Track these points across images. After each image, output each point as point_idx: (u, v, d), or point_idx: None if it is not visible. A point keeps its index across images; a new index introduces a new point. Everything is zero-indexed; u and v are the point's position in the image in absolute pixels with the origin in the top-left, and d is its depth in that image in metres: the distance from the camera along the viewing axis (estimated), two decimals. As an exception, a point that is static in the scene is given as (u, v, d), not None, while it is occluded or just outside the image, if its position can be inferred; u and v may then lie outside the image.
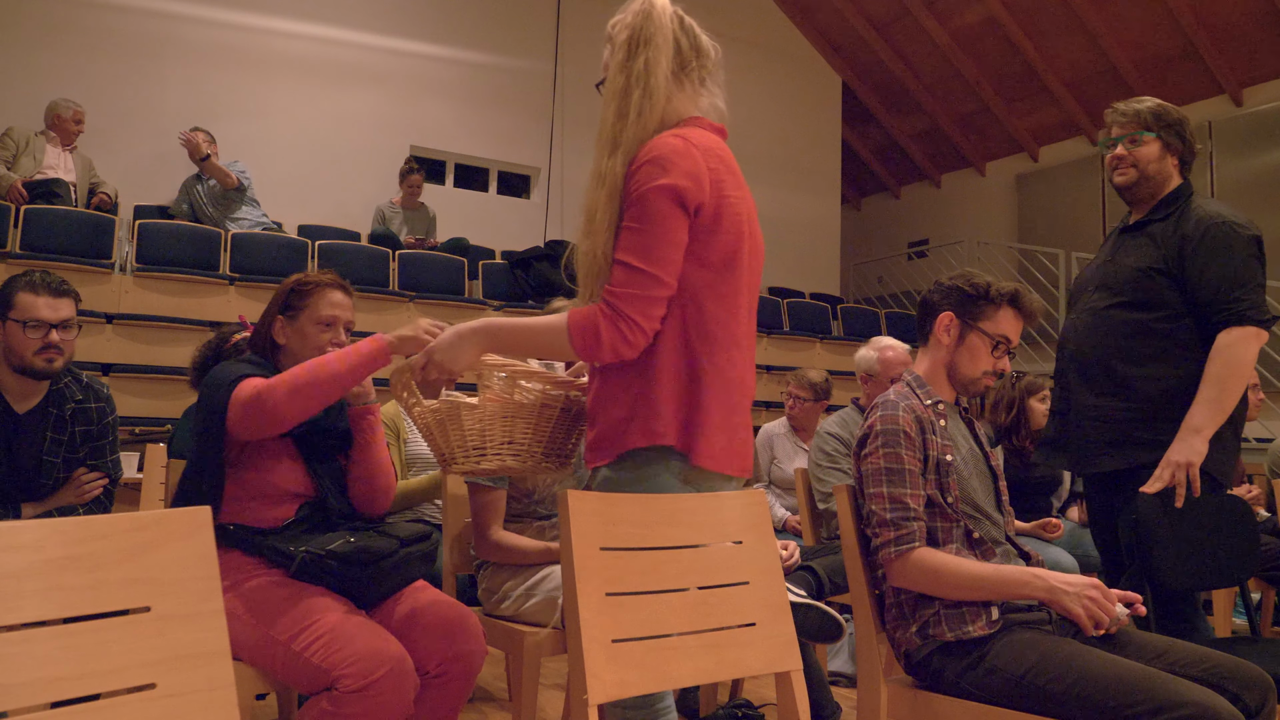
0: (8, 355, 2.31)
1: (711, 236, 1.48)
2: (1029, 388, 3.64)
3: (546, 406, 1.60)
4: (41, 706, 0.96)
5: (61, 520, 1.04)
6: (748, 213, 1.57)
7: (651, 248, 1.43)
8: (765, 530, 1.64)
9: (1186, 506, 2.33)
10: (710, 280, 1.49)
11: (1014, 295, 1.92)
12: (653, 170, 1.44)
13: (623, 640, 1.39)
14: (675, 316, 1.48)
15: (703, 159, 1.48)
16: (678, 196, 1.44)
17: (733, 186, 1.53)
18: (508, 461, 1.56)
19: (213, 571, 1.11)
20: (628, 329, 1.43)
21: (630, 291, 1.43)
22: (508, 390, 1.56)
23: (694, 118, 1.58)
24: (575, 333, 1.44)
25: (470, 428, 1.55)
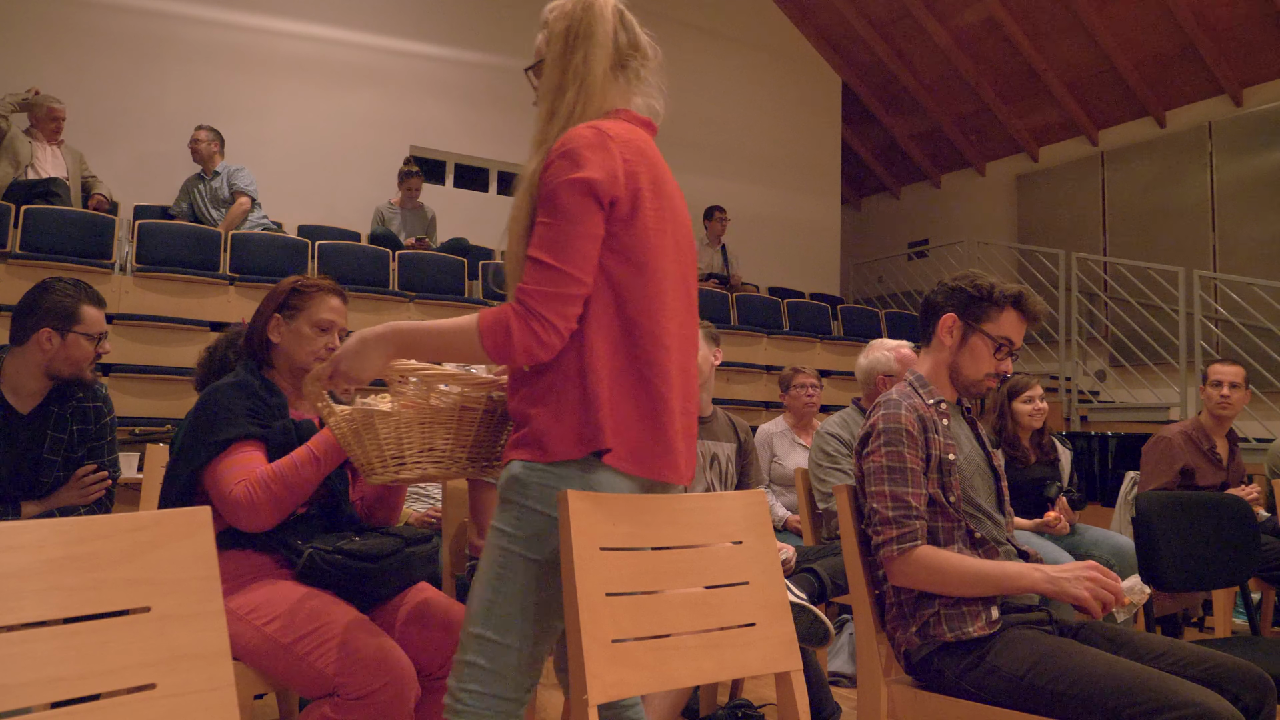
0: (58, 364, 2.36)
1: (628, 231, 1.42)
2: (1012, 389, 3.65)
3: (466, 410, 1.53)
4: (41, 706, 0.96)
5: (61, 520, 1.04)
6: (671, 207, 1.51)
7: (563, 243, 1.37)
8: (765, 530, 1.64)
9: (1187, 506, 2.33)
10: (629, 276, 1.42)
11: (1017, 297, 1.92)
12: (564, 164, 1.39)
13: (623, 640, 1.39)
14: (595, 315, 1.41)
15: (618, 151, 1.42)
16: (590, 190, 1.38)
17: (649, 179, 1.46)
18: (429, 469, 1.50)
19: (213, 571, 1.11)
20: (540, 328, 1.36)
21: (542, 289, 1.36)
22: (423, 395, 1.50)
23: (619, 110, 1.52)
24: (486, 334, 1.37)
25: (386, 436, 1.48)
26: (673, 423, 1.45)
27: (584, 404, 1.38)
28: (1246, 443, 6.03)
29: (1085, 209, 9.24)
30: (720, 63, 9.54)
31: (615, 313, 1.42)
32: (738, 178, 9.47)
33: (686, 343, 1.53)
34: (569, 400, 1.39)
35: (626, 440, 1.40)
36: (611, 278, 1.42)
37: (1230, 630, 3.38)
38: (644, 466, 1.43)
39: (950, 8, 8.96)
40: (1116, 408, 7.52)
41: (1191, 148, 8.44)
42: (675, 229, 1.51)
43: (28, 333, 2.32)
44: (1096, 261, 8.32)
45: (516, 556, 1.37)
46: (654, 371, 1.43)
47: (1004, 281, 1.94)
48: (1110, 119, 9.12)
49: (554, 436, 1.38)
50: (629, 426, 1.41)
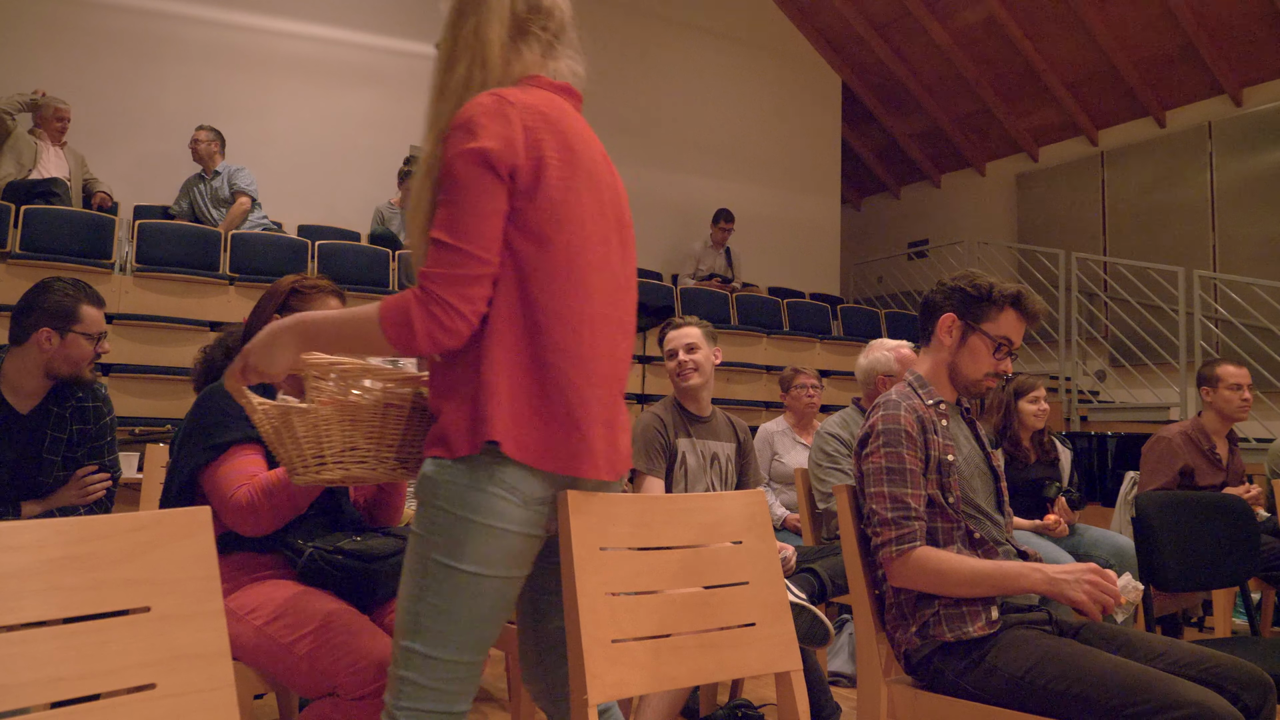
0: (57, 364, 2.36)
1: (531, 203, 1.31)
2: (1018, 389, 3.66)
3: (391, 406, 1.44)
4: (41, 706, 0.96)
5: (61, 520, 1.04)
6: (588, 178, 1.38)
7: (461, 221, 1.27)
8: (765, 530, 1.64)
9: (1187, 506, 2.33)
10: (536, 253, 1.31)
11: (1017, 297, 1.92)
12: (459, 135, 1.29)
13: (623, 640, 1.39)
14: (503, 296, 1.30)
15: (519, 117, 1.31)
16: (486, 160, 1.28)
17: (557, 147, 1.34)
18: (353, 470, 1.42)
19: (213, 571, 1.11)
20: (443, 314, 1.26)
21: (442, 271, 1.26)
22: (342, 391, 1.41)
23: (531, 77, 1.42)
24: (387, 322, 1.27)
25: (304, 435, 1.40)
26: (586, 412, 1.33)
27: (478, 394, 1.28)
28: (1246, 443, 6.03)
29: (1085, 209, 9.24)
30: (720, 63, 9.54)
31: (521, 293, 1.31)
32: (738, 178, 9.47)
33: (610, 324, 1.40)
34: (467, 391, 1.30)
35: (526, 432, 1.29)
36: (515, 255, 1.31)
37: (1230, 630, 3.38)
38: (550, 460, 1.30)
39: (950, 8, 8.96)
40: (1116, 408, 7.52)
41: (1191, 148, 8.44)
42: (595, 202, 1.39)
43: (27, 332, 2.32)
44: (1096, 261, 8.32)
45: (435, 563, 1.28)
46: (561, 356, 1.31)
47: (1003, 281, 1.94)
48: (1110, 119, 9.12)
49: (455, 431, 1.29)
50: (530, 417, 1.30)
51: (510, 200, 1.31)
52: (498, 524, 1.27)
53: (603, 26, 8.93)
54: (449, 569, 1.27)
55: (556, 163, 1.33)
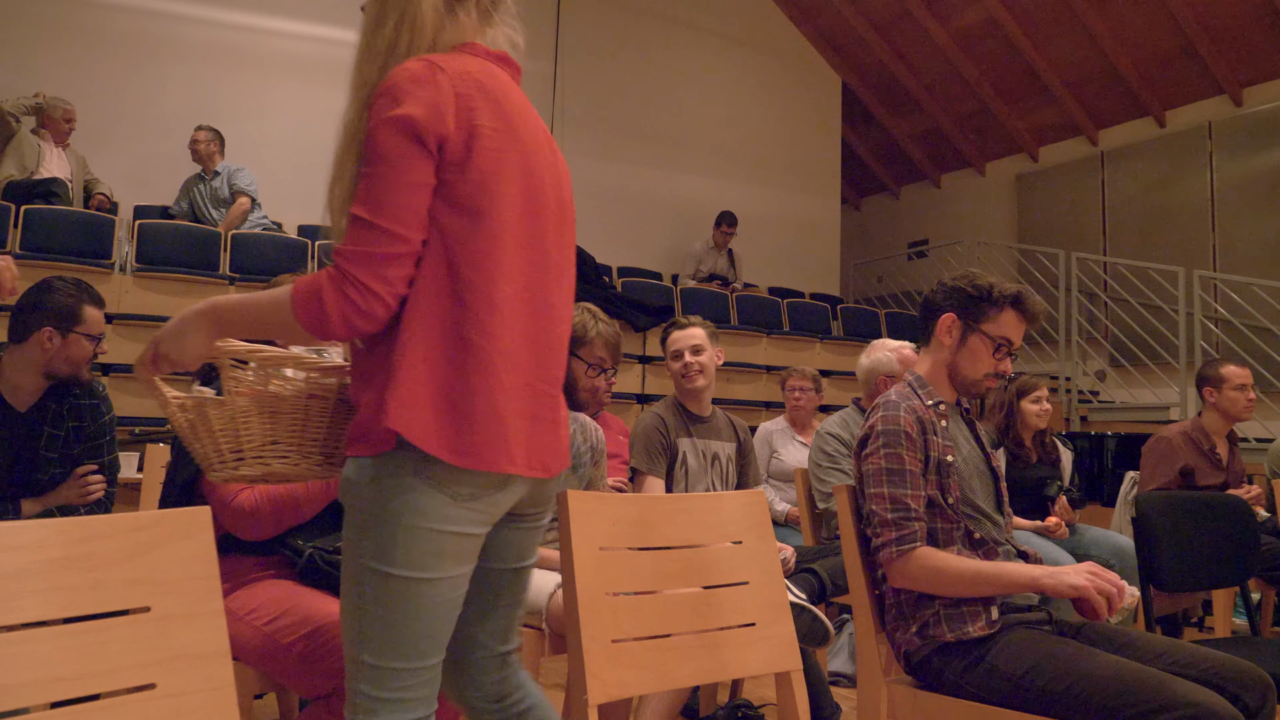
0: (57, 363, 2.37)
1: (461, 175, 1.21)
2: (1021, 389, 3.66)
3: (315, 398, 1.35)
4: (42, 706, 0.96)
5: (61, 520, 1.04)
6: (524, 152, 1.29)
7: (383, 195, 1.18)
8: (765, 530, 1.64)
9: (1187, 507, 2.33)
10: (462, 228, 1.22)
11: (1016, 297, 1.91)
12: (384, 102, 1.20)
13: (623, 640, 1.39)
14: (428, 275, 1.21)
15: (450, 84, 1.21)
16: (412, 129, 1.18)
17: (492, 117, 1.24)
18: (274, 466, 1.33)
19: (212, 571, 1.11)
20: (358, 295, 1.17)
21: (358, 250, 1.17)
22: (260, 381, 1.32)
23: (466, 44, 1.32)
24: (299, 304, 1.18)
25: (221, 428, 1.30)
26: (507, 402, 1.23)
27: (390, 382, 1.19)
28: (1246, 443, 6.03)
29: (1085, 209, 9.24)
30: (720, 63, 9.55)
31: (445, 272, 1.21)
32: (738, 178, 9.47)
33: (543, 309, 1.31)
34: (384, 379, 1.21)
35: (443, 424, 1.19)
36: (443, 230, 1.22)
37: (1230, 630, 3.38)
38: (467, 456, 1.20)
39: (950, 8, 8.96)
40: (1116, 408, 7.52)
41: (1191, 148, 8.43)
42: (531, 178, 1.30)
43: (28, 331, 2.33)
44: (1096, 261, 8.32)
45: (368, 570, 1.19)
46: (486, 340, 1.22)
47: (1002, 281, 1.94)
48: (1110, 119, 9.12)
49: (371, 424, 1.20)
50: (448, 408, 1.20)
51: (438, 172, 1.21)
52: (426, 524, 1.18)
53: (602, 26, 8.93)
54: (383, 575, 1.18)
55: (490, 133, 1.24)
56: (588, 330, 2.46)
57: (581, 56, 8.72)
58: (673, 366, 2.96)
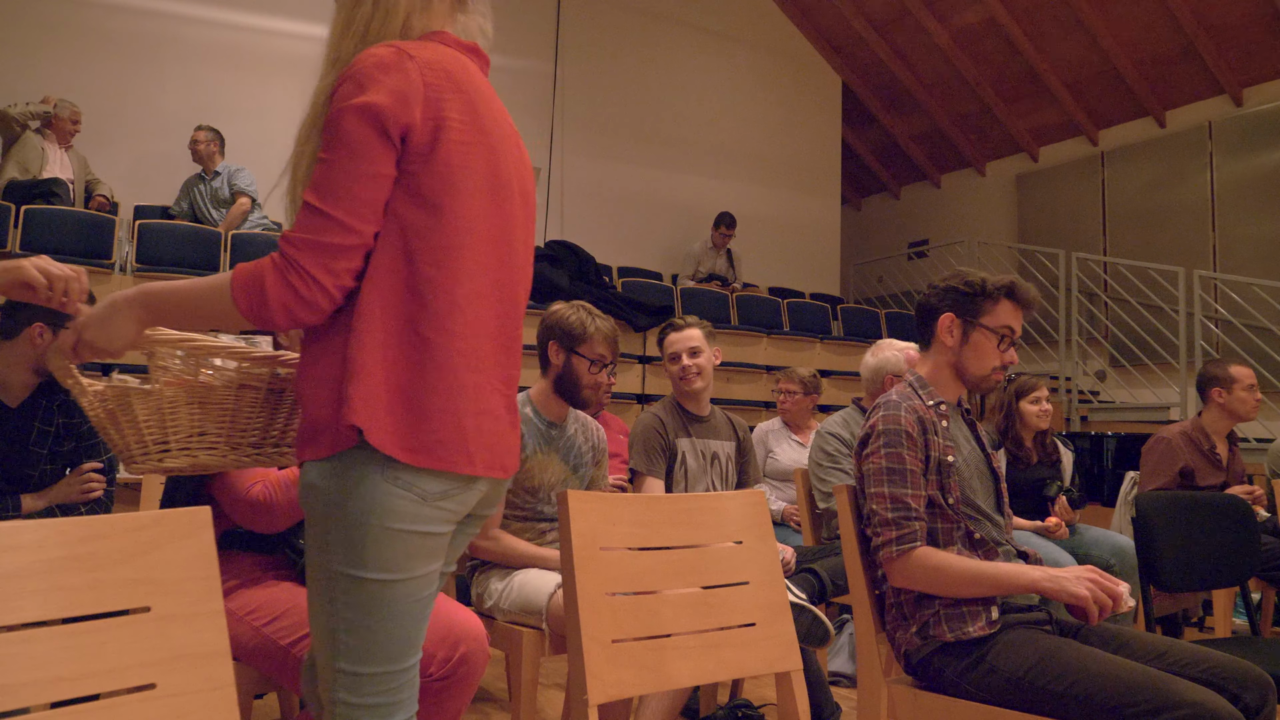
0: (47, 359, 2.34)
1: (425, 166, 1.18)
2: (1019, 389, 3.66)
3: (247, 389, 1.32)
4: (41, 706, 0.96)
5: (61, 520, 1.04)
6: (490, 147, 1.26)
7: (338, 185, 1.15)
8: (765, 530, 1.64)
9: (1187, 506, 2.33)
10: (424, 222, 1.19)
11: (1010, 287, 1.93)
12: (349, 88, 1.17)
13: (623, 640, 1.39)
14: (378, 268, 1.18)
15: (418, 73, 1.18)
16: (376, 118, 1.15)
17: (461, 109, 1.22)
18: (200, 457, 1.30)
19: (213, 571, 1.11)
20: (302, 285, 1.13)
21: (306, 237, 1.14)
22: (190, 370, 1.28)
23: (436, 32, 1.29)
24: (239, 291, 1.15)
25: (145, 419, 1.26)
26: (466, 400, 1.21)
27: (350, 378, 1.16)
28: (1246, 443, 6.03)
29: (1085, 209, 9.24)
30: (721, 63, 9.55)
31: (403, 266, 1.18)
32: (738, 178, 9.47)
33: (502, 306, 1.28)
34: (333, 373, 1.18)
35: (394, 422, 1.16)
36: (402, 223, 1.19)
37: (1230, 630, 3.38)
38: (421, 454, 1.17)
39: (950, 8, 8.96)
40: (1116, 408, 7.52)
41: (1192, 148, 8.43)
42: (497, 172, 1.27)
43: (19, 327, 2.32)
44: (1096, 261, 8.32)
45: (340, 575, 1.16)
46: (444, 336, 1.19)
47: (993, 274, 1.96)
48: (1110, 119, 9.12)
49: (327, 422, 1.17)
50: (404, 406, 1.17)
51: (400, 163, 1.18)
52: (396, 525, 1.16)
53: (602, 26, 8.93)
54: (355, 579, 1.16)
55: (458, 125, 1.21)
56: (586, 327, 2.45)
57: (581, 56, 8.72)
58: (670, 369, 2.96)
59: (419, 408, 1.18)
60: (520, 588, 2.30)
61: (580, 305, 2.52)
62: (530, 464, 2.44)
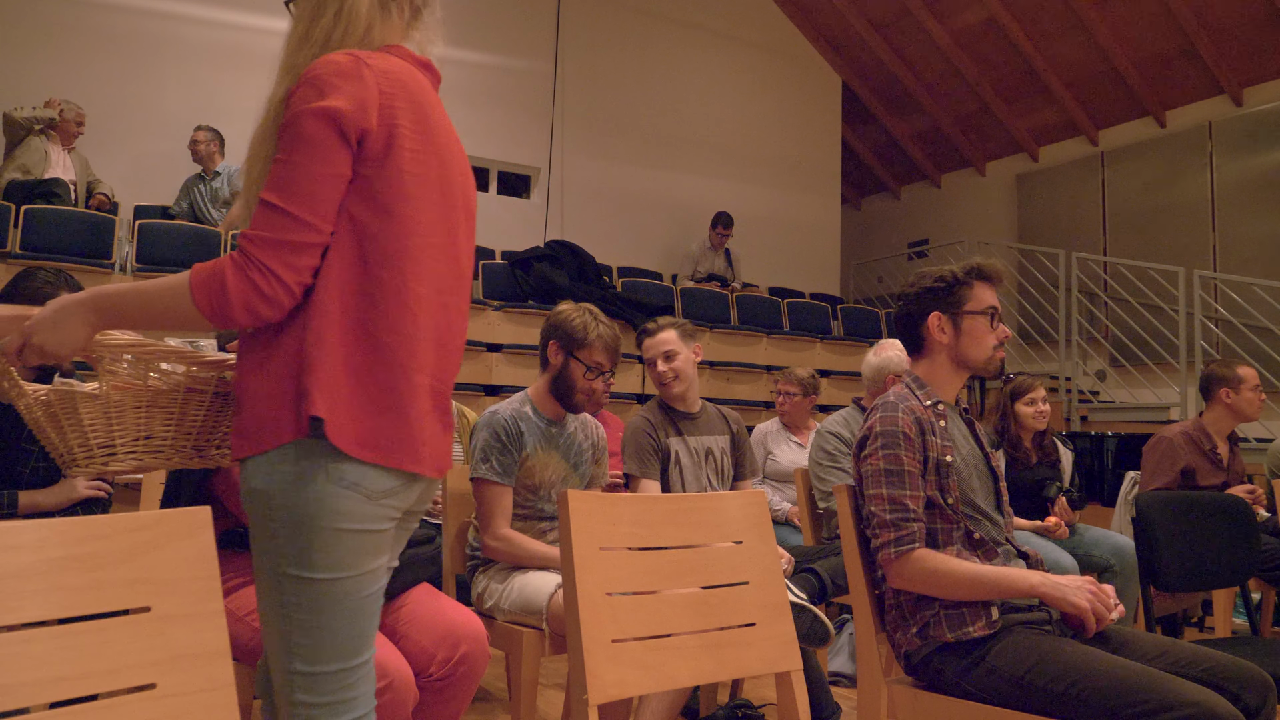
0: None
1: (379, 172, 1.22)
2: (1015, 390, 3.66)
3: (193, 392, 1.33)
4: (41, 706, 0.96)
5: (61, 520, 1.04)
6: (439, 157, 1.30)
7: (297, 183, 1.17)
8: (765, 530, 1.64)
9: (1187, 506, 2.33)
10: (377, 225, 1.22)
11: (977, 269, 1.97)
12: (308, 92, 1.19)
13: (623, 640, 1.39)
14: (332, 267, 1.20)
15: (374, 81, 1.22)
16: (334, 121, 1.18)
17: (412, 119, 1.25)
18: (146, 460, 1.31)
19: (213, 571, 1.11)
20: (263, 280, 1.15)
21: (266, 235, 1.16)
22: (138, 375, 1.28)
23: (393, 46, 1.32)
24: (198, 290, 1.15)
25: (92, 423, 1.26)
26: (415, 401, 1.23)
27: (300, 371, 1.17)
28: (1246, 443, 6.03)
29: (1085, 209, 9.24)
30: (721, 63, 9.55)
31: (357, 266, 1.21)
32: (738, 178, 9.47)
33: (447, 311, 1.31)
34: (286, 369, 1.19)
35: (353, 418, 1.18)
36: (356, 225, 1.21)
37: (1230, 630, 3.38)
38: (376, 451, 1.19)
39: (950, 8, 8.96)
40: (1116, 408, 7.52)
41: (1192, 147, 8.43)
42: (444, 182, 1.31)
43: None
44: (1096, 261, 8.32)
45: (288, 577, 1.18)
46: (395, 338, 1.22)
47: (955, 264, 2.00)
48: (1110, 119, 9.12)
49: (271, 416, 1.18)
50: (357, 402, 1.19)
51: (355, 166, 1.21)
52: (343, 525, 1.17)
53: (602, 26, 8.93)
54: (305, 580, 1.17)
55: (410, 134, 1.25)
56: (588, 332, 2.44)
57: (581, 56, 8.72)
58: (650, 373, 2.92)
59: (374, 406, 1.20)
60: (520, 588, 2.30)
61: (586, 309, 2.50)
62: (531, 462, 2.44)
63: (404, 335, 1.23)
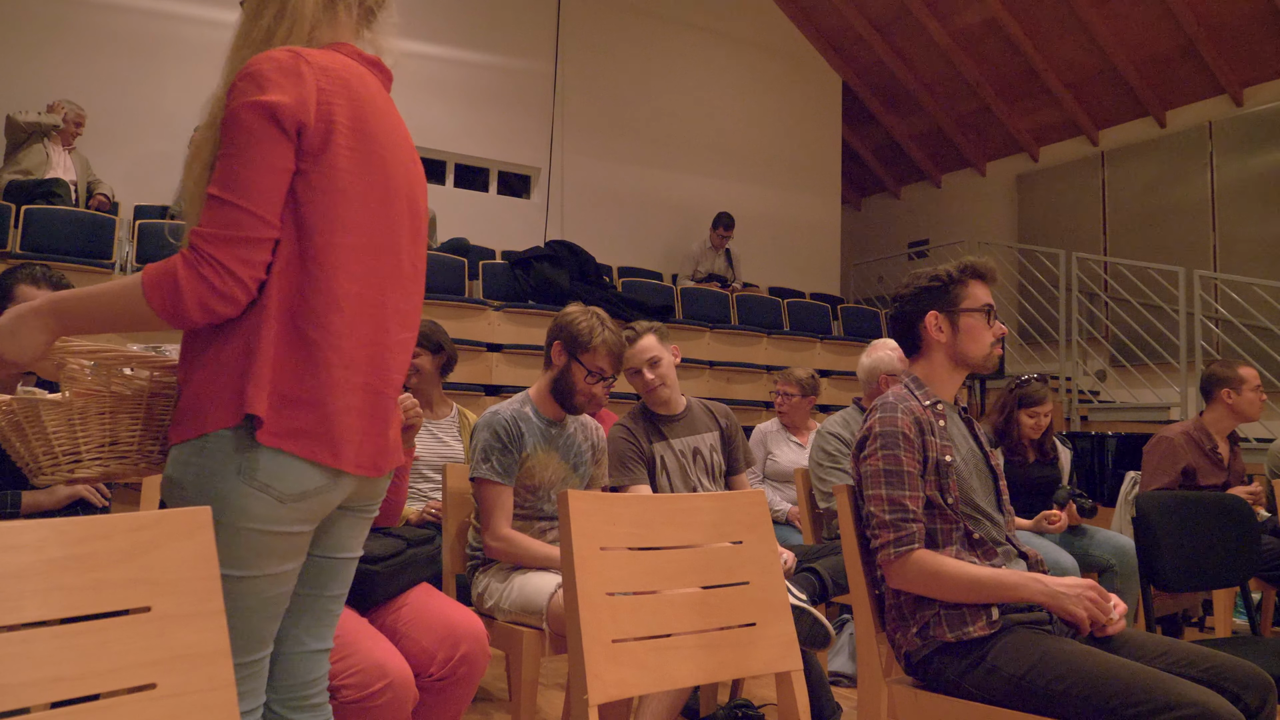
0: None
1: (314, 168, 1.21)
2: (1023, 398, 3.62)
3: (158, 396, 1.32)
4: (41, 706, 0.96)
5: (61, 520, 1.04)
6: (379, 155, 1.29)
7: (243, 177, 1.17)
8: (765, 530, 1.64)
9: (1187, 506, 2.33)
10: (310, 223, 1.21)
11: (970, 267, 1.98)
12: (247, 86, 1.20)
13: (623, 640, 1.39)
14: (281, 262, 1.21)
15: (313, 76, 1.21)
16: (273, 115, 1.17)
17: (349, 116, 1.25)
18: (111, 466, 1.30)
19: (213, 571, 1.11)
20: (216, 277, 1.14)
21: (217, 231, 1.15)
22: (102, 381, 1.28)
23: (340, 44, 1.32)
24: (151, 290, 1.14)
25: (56, 430, 1.25)
26: (338, 398, 1.22)
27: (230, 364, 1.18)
28: (1247, 443, 6.03)
29: (1085, 209, 9.24)
30: (721, 63, 9.54)
31: (293, 262, 1.21)
32: (738, 178, 9.47)
33: (384, 311, 1.29)
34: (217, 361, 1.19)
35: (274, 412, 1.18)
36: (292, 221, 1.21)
37: (1230, 630, 3.38)
38: (301, 445, 1.19)
39: (951, 8, 8.96)
40: (1117, 408, 7.52)
41: (1192, 148, 8.43)
42: (384, 181, 1.30)
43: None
44: (1097, 261, 8.32)
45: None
46: (322, 334, 1.21)
47: (949, 263, 2.00)
48: (1110, 119, 9.12)
49: (207, 401, 1.18)
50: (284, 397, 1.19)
51: (297, 161, 1.21)
52: (250, 525, 1.17)
53: (602, 26, 8.93)
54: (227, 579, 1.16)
55: (346, 132, 1.24)
56: (593, 337, 2.42)
57: (581, 56, 8.72)
58: (633, 382, 2.85)
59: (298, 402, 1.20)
60: (520, 588, 2.30)
61: (595, 312, 2.48)
62: (530, 462, 2.44)
63: (331, 332, 1.22)
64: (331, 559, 1.36)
